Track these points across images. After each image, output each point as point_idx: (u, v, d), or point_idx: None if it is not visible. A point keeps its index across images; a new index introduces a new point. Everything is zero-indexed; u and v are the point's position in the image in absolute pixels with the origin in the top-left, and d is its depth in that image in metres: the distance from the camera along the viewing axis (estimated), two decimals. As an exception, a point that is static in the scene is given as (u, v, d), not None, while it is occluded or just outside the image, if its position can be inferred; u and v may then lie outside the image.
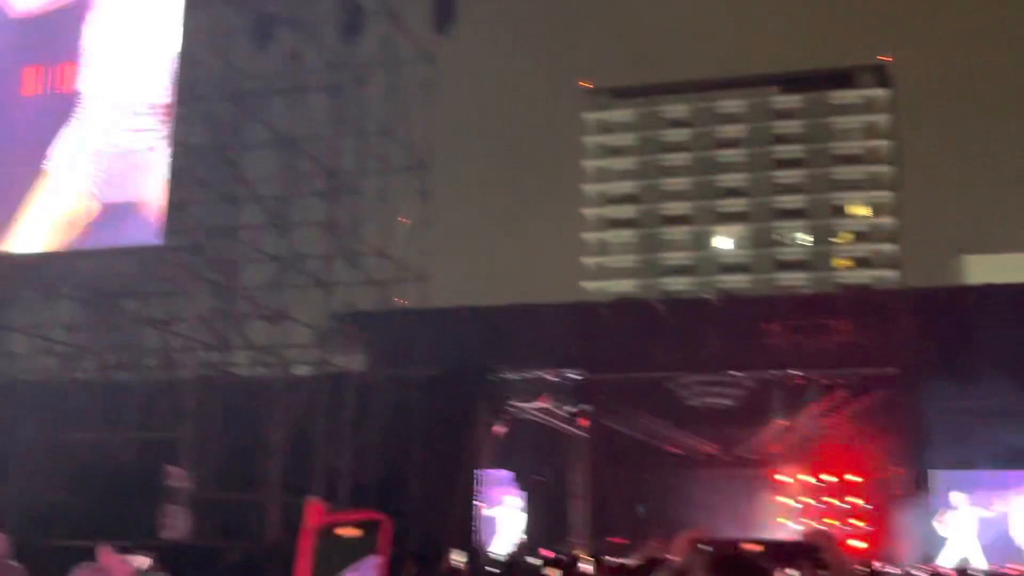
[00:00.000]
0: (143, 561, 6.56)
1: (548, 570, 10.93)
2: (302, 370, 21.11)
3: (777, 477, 32.56)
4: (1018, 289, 29.75)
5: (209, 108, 19.73)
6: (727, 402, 32.66)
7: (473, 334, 27.50)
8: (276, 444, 18.40)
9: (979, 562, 25.27)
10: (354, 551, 1.71)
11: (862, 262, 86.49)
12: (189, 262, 19.09)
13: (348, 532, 1.48)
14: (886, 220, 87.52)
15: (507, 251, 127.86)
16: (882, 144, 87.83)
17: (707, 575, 1.45)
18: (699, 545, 1.62)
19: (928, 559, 25.07)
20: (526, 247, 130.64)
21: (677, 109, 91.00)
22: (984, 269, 61.79)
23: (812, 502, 31.97)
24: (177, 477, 16.39)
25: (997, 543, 27.09)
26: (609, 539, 27.83)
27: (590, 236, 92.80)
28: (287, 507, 17.49)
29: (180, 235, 18.67)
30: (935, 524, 27.51)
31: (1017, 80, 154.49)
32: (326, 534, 1.44)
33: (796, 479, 32.45)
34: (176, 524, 15.91)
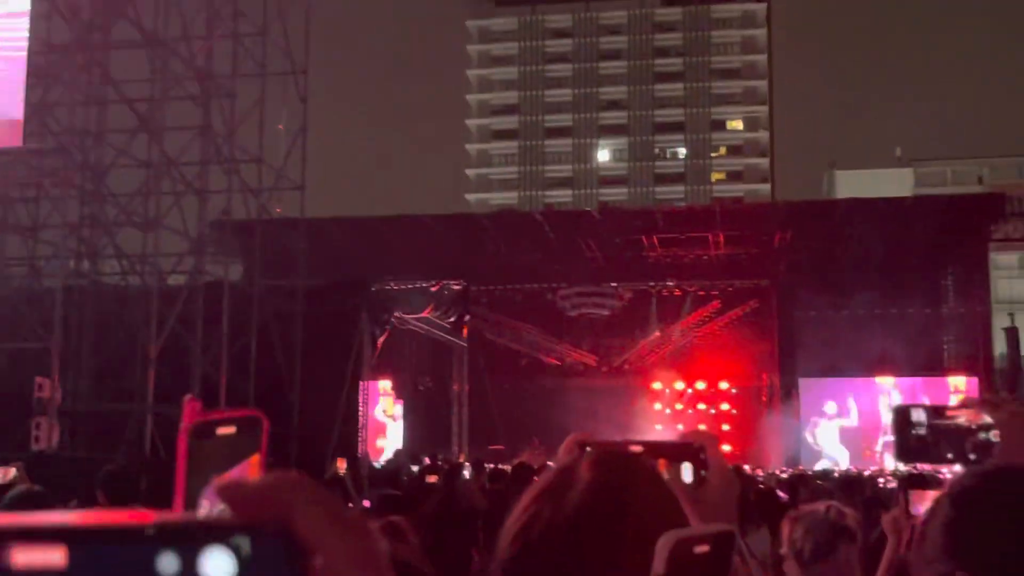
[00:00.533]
0: (9, 472, 6.33)
1: (429, 477, 10.99)
2: (176, 279, 20.57)
3: (653, 385, 33.37)
4: (885, 203, 30.72)
5: (73, 3, 18.70)
6: (605, 313, 33.23)
7: (355, 244, 27.21)
8: (150, 355, 17.96)
9: (844, 465, 26.40)
10: (234, 451, 1.59)
11: (736, 176, 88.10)
12: (55, 166, 18.26)
13: (226, 430, 1.37)
14: (760, 134, 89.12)
15: (389, 161, 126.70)
16: (759, 59, 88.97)
17: (592, 472, 1.38)
18: (584, 446, 1.57)
19: (795, 463, 26.07)
20: (409, 157, 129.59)
21: (560, 19, 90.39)
22: (853, 183, 63.70)
23: (686, 409, 32.92)
24: (46, 388, 15.90)
25: (859, 446, 28.30)
26: (490, 446, 28.21)
27: (473, 147, 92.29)
28: (162, 418, 17.18)
29: (44, 138, 17.82)
30: (808, 433, 28.55)
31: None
32: (204, 432, 1.33)
33: (671, 387, 33.31)
34: (46, 435, 15.49)
